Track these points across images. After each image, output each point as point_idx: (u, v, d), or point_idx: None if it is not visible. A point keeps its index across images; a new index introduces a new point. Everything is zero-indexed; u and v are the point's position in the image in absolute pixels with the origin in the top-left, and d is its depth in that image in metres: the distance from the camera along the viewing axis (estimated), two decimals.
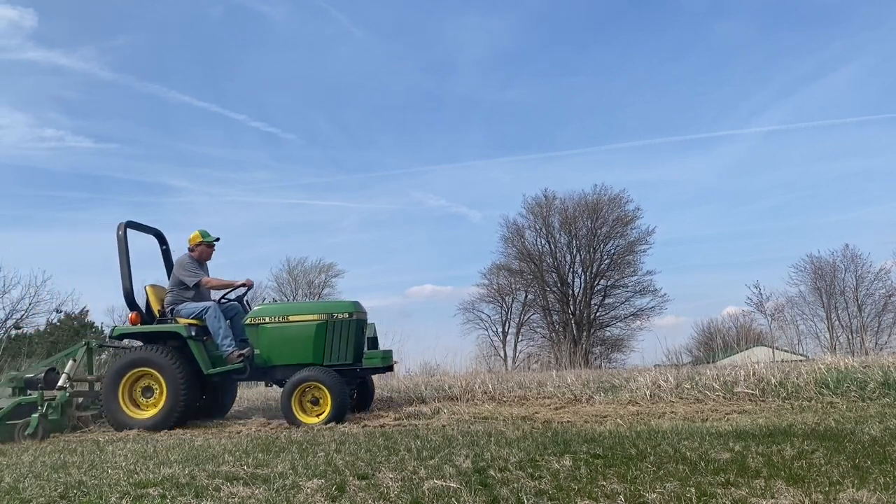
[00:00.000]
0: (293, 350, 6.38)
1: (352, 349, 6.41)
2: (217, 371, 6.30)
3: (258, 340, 6.40)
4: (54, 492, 2.98)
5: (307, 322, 6.43)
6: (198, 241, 6.82)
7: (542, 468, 3.18)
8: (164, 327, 6.44)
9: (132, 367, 6.18)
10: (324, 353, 6.35)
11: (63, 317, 19.36)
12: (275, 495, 2.74)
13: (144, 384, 6.25)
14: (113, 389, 6.14)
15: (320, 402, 6.06)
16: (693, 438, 3.98)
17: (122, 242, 6.64)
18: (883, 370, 6.80)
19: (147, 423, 6.00)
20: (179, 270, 6.62)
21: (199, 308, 6.47)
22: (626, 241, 36.51)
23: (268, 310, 6.75)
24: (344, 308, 6.56)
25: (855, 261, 34.16)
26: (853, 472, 2.87)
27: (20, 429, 5.74)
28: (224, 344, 6.30)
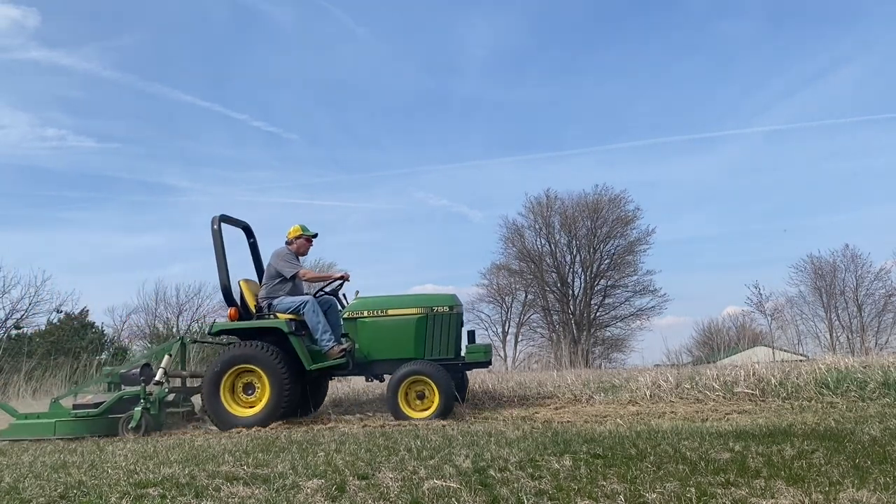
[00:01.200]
0: (393, 344, 6.32)
1: (453, 343, 6.37)
2: (319, 366, 6.20)
3: (356, 335, 6.35)
4: (54, 492, 2.98)
5: (407, 316, 6.37)
6: (297, 234, 6.77)
7: (542, 468, 3.18)
8: (264, 323, 6.34)
9: (233, 364, 6.09)
10: (424, 347, 6.29)
11: (63, 317, 19.36)
12: (275, 495, 2.74)
13: (245, 381, 6.14)
14: (214, 387, 6.05)
15: (426, 396, 6.00)
16: (693, 438, 3.98)
17: (218, 236, 6.58)
18: (883, 370, 6.81)
19: (250, 421, 5.91)
20: (278, 262, 6.54)
21: (296, 302, 6.38)
22: (627, 241, 36.51)
23: (366, 303, 6.55)
24: (444, 301, 6.49)
25: (855, 261, 34.19)
26: (853, 472, 2.87)
27: (123, 423, 5.70)
28: (324, 339, 6.23)
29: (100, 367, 11.26)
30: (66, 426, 5.72)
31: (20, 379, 10.14)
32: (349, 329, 6.39)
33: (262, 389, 6.07)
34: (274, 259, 6.59)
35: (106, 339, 19.56)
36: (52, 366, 11.40)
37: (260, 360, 6.04)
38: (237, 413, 6.04)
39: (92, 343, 17.52)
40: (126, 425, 5.69)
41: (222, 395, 6.06)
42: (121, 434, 5.65)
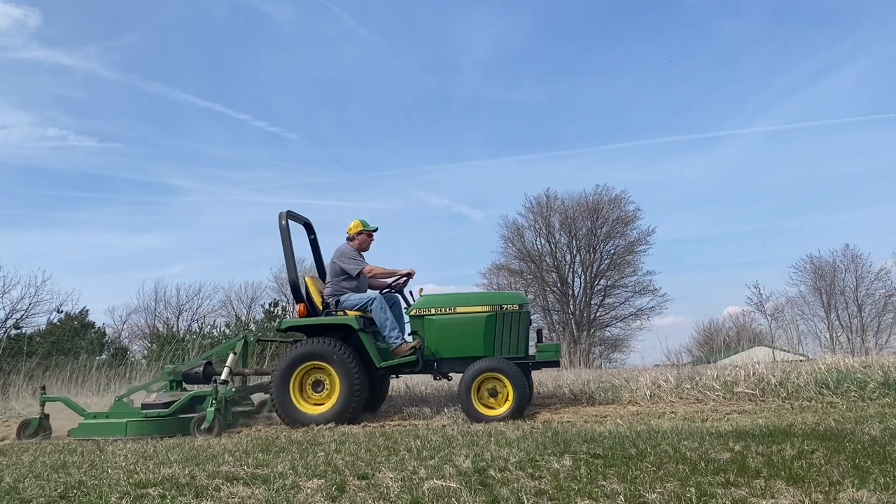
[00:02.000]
0: (462, 342, 6.26)
1: (523, 342, 6.31)
2: (389, 364, 6.15)
3: (423, 332, 6.29)
4: (54, 492, 2.98)
5: (477, 314, 6.30)
6: (358, 230, 6.73)
7: (542, 468, 3.18)
8: (335, 319, 6.27)
9: (304, 361, 6.02)
10: (494, 345, 6.23)
11: (63, 317, 19.35)
12: (275, 495, 2.74)
13: (314, 378, 6.09)
14: (284, 384, 5.98)
15: (499, 394, 5.95)
16: (693, 438, 3.98)
17: (286, 232, 6.51)
18: (883, 370, 6.81)
19: (321, 418, 5.86)
20: (342, 259, 6.49)
21: (363, 299, 6.34)
22: (627, 241, 36.52)
23: (434, 301, 6.48)
24: (513, 299, 6.44)
25: (855, 261, 34.24)
26: (853, 472, 2.87)
27: (195, 423, 5.62)
28: (392, 336, 6.18)
29: (100, 367, 11.25)
30: (138, 426, 5.62)
31: (20, 379, 10.13)
32: (416, 326, 6.34)
33: (332, 387, 6.01)
34: (338, 256, 6.54)
35: (106, 339, 19.55)
36: (52, 366, 11.40)
37: (331, 356, 5.98)
38: (306, 410, 5.97)
39: (92, 343, 17.51)
40: (198, 426, 5.59)
41: (291, 391, 5.99)
42: (192, 434, 5.54)
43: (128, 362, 12.94)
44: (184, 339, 16.73)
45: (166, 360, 10.63)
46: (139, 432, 5.57)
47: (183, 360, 10.59)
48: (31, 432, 5.80)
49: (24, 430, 5.84)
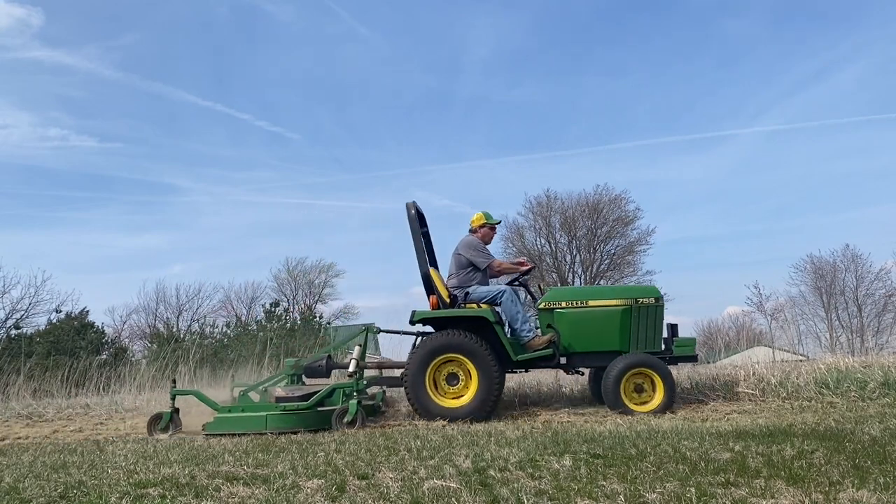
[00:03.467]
0: (596, 336, 6.19)
1: (659, 336, 6.27)
2: (526, 357, 6.07)
3: (554, 325, 6.23)
4: (54, 492, 2.97)
5: (611, 307, 6.23)
6: (482, 222, 6.68)
7: (542, 468, 3.18)
8: (470, 312, 6.16)
9: (440, 353, 5.91)
10: (630, 340, 6.19)
11: (63, 317, 19.35)
12: (275, 495, 2.74)
13: (448, 371, 5.99)
14: (420, 376, 5.88)
15: (644, 390, 5.95)
16: (693, 438, 3.98)
17: (415, 223, 6.43)
18: (883, 370, 6.81)
19: (459, 412, 5.77)
20: (469, 252, 6.44)
21: (492, 291, 6.27)
22: (627, 241, 36.49)
23: (565, 294, 6.44)
24: (649, 293, 6.38)
25: (855, 261, 34.19)
26: (853, 472, 2.87)
27: (337, 416, 5.52)
28: (524, 329, 6.11)
29: (99, 367, 11.26)
30: (279, 419, 5.51)
31: (20, 379, 10.13)
32: (545, 320, 6.29)
33: (469, 380, 5.93)
34: (464, 249, 6.50)
35: (106, 339, 19.55)
36: (51, 366, 11.40)
37: (470, 349, 5.88)
38: (443, 403, 5.89)
39: (92, 343, 17.51)
40: (340, 418, 5.49)
41: (427, 384, 5.90)
42: (334, 427, 5.43)
43: (127, 362, 12.95)
44: (184, 339, 16.73)
45: (167, 361, 10.61)
46: (280, 425, 5.45)
47: (185, 359, 10.58)
48: (163, 427, 5.63)
49: (156, 424, 5.66)
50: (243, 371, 10.33)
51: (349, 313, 39.81)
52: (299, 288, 40.19)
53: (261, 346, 13.84)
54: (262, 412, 5.55)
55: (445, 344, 5.93)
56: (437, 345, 5.94)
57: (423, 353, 5.93)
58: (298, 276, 40.35)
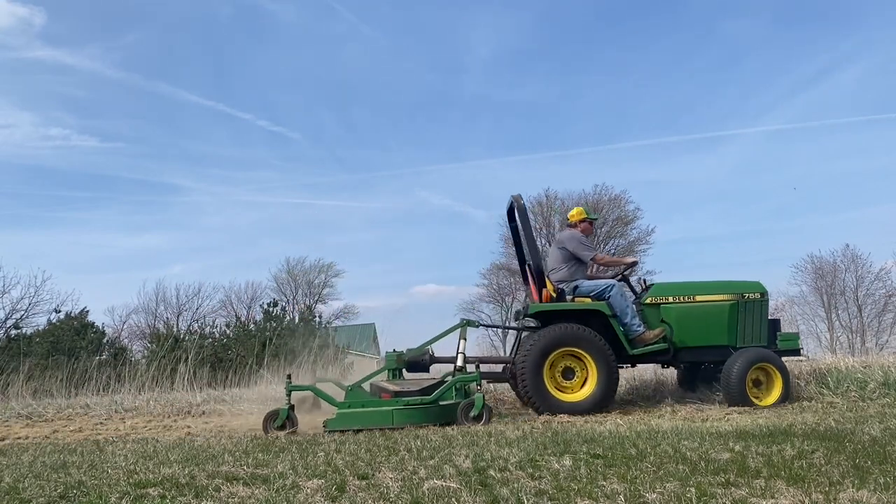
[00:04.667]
0: (703, 331, 6.25)
1: (765, 331, 6.35)
2: (641, 351, 6.11)
3: (658, 320, 6.28)
4: (54, 492, 2.97)
5: (718, 302, 6.32)
6: (581, 217, 6.75)
7: (542, 468, 3.18)
8: (586, 305, 6.20)
9: (559, 346, 5.88)
10: (737, 334, 6.25)
11: (63, 317, 19.34)
12: (275, 495, 2.73)
13: (564, 365, 5.97)
14: (538, 369, 5.83)
15: (761, 383, 6.05)
16: (693, 438, 3.98)
17: (524, 214, 6.45)
18: (883, 370, 6.81)
19: (578, 407, 5.76)
20: (574, 245, 6.46)
21: (601, 285, 6.30)
22: (627, 241, 36.46)
23: (670, 289, 6.49)
24: (754, 288, 6.47)
25: (855, 261, 34.15)
26: (853, 472, 2.87)
27: (463, 410, 5.47)
28: (633, 324, 6.14)
29: (99, 367, 11.25)
30: (404, 414, 5.41)
31: (20, 379, 10.13)
32: (651, 315, 6.34)
33: (586, 374, 5.92)
34: (569, 242, 6.51)
35: (106, 339, 19.54)
36: (51, 366, 11.40)
37: (589, 343, 5.88)
38: (562, 398, 5.86)
39: (92, 343, 17.50)
40: (466, 413, 5.43)
41: (546, 378, 5.86)
42: (459, 422, 5.37)
43: (127, 362, 12.95)
44: (184, 339, 16.72)
45: (166, 361, 10.61)
46: (405, 420, 5.38)
47: (185, 359, 10.58)
48: (279, 424, 5.41)
49: (272, 422, 5.44)
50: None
51: (349, 313, 39.86)
52: (299, 288, 40.23)
53: (260, 346, 13.84)
54: (387, 407, 5.47)
55: (563, 337, 5.92)
56: (555, 338, 5.91)
57: (541, 347, 5.89)
58: (298, 276, 40.37)
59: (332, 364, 11.46)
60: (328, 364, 11.22)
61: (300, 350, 10.89)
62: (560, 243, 6.60)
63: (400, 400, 5.54)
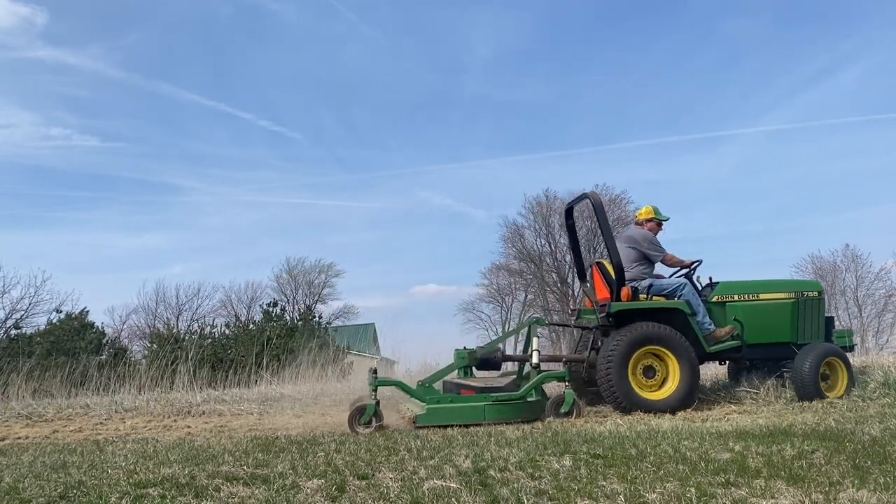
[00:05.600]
0: (768, 329, 6.40)
1: (822, 328, 6.52)
2: (718, 349, 6.21)
3: (726, 318, 6.39)
4: (54, 492, 2.97)
5: (781, 300, 6.49)
6: (650, 216, 6.79)
7: (542, 468, 3.18)
8: (667, 304, 6.26)
9: (643, 344, 5.90)
10: (798, 331, 6.42)
11: (63, 317, 19.34)
12: (275, 495, 2.73)
13: (645, 363, 5.98)
14: (622, 367, 5.82)
15: (828, 378, 6.24)
16: (693, 438, 3.98)
17: (602, 211, 6.44)
18: (883, 370, 6.81)
19: (663, 405, 5.77)
20: (645, 245, 6.52)
21: (673, 284, 6.39)
22: None
23: (735, 287, 6.64)
24: (812, 287, 6.74)
25: (855, 261, 34.20)
26: (853, 472, 2.87)
27: (553, 406, 5.48)
28: (705, 322, 6.21)
29: (99, 367, 11.24)
30: (496, 410, 5.40)
31: (20, 379, 10.13)
32: (717, 313, 6.43)
33: (668, 372, 5.95)
34: (640, 241, 6.56)
35: (106, 339, 19.54)
36: (51, 366, 11.38)
37: (673, 341, 5.92)
38: (646, 396, 5.87)
39: (92, 343, 17.50)
40: (556, 409, 5.45)
41: (630, 376, 5.87)
42: (548, 417, 5.37)
43: (127, 362, 12.93)
44: (184, 339, 16.72)
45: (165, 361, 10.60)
46: (497, 416, 5.37)
47: (186, 359, 10.57)
48: (366, 420, 5.29)
49: (359, 417, 5.30)
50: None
51: (349, 313, 39.87)
52: (299, 288, 40.23)
53: (259, 346, 13.84)
54: (482, 403, 5.45)
55: (648, 335, 5.95)
56: (641, 336, 5.93)
57: (625, 345, 5.89)
58: (298, 277, 40.38)
59: (331, 364, 11.46)
60: (327, 364, 11.22)
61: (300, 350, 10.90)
62: (631, 242, 6.61)
63: (489, 396, 5.53)
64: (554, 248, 37.55)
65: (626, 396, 5.81)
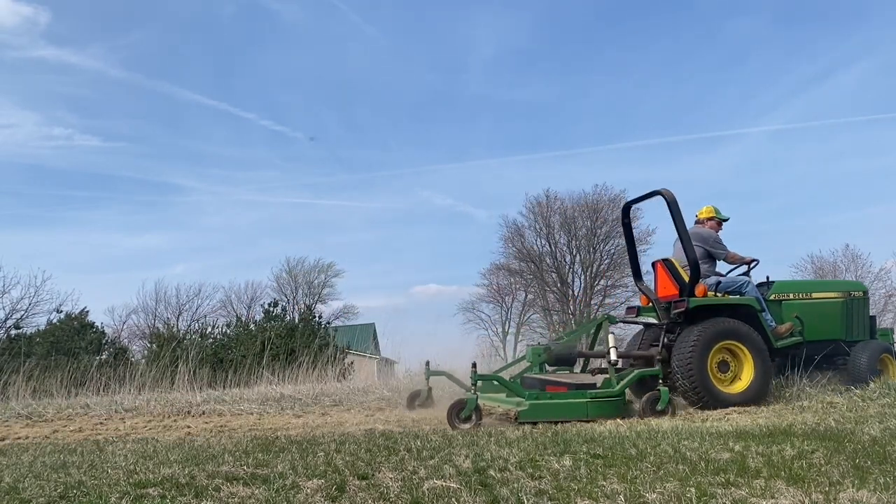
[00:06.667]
0: (821, 326, 6.68)
1: (867, 326, 6.89)
2: (785, 344, 6.40)
3: (782, 316, 6.63)
4: (54, 492, 2.97)
5: (832, 299, 6.82)
6: (710, 215, 6.99)
7: (542, 468, 3.18)
8: (739, 300, 6.44)
9: (720, 340, 6.04)
10: (847, 329, 6.73)
11: (63, 317, 19.34)
12: (275, 495, 2.73)
13: (719, 359, 6.11)
14: (703, 363, 5.92)
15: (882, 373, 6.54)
16: (693, 438, 3.98)
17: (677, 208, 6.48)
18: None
19: (738, 399, 5.92)
20: (711, 244, 6.73)
21: (738, 282, 6.59)
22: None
23: (790, 286, 7.00)
24: (858, 287, 7.19)
25: (855, 261, 34.17)
26: (853, 472, 2.87)
27: (649, 402, 5.53)
28: (767, 318, 6.39)
29: (99, 367, 11.25)
30: (597, 406, 5.45)
31: (20, 379, 10.13)
32: (774, 310, 6.63)
33: (742, 367, 6.12)
34: (706, 240, 6.74)
35: (106, 339, 19.54)
36: (51, 366, 11.39)
37: (748, 336, 6.10)
38: (725, 390, 6.01)
39: (92, 343, 17.50)
40: (652, 406, 5.50)
41: (710, 371, 5.97)
42: (644, 414, 5.44)
43: (127, 362, 12.94)
44: (184, 339, 16.73)
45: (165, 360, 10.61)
46: (599, 413, 5.42)
47: (186, 359, 10.58)
48: (467, 415, 5.21)
49: (458, 412, 5.20)
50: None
51: (349, 313, 39.90)
52: (299, 288, 40.26)
53: (260, 345, 13.84)
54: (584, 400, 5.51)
55: (726, 331, 6.10)
56: (719, 332, 6.08)
57: (705, 340, 6.00)
58: (298, 277, 40.40)
59: (331, 364, 11.45)
60: (327, 364, 11.22)
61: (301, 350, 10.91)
62: (697, 239, 6.72)
63: (588, 392, 5.58)
64: (554, 247, 37.56)
65: (707, 391, 5.91)
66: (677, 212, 6.44)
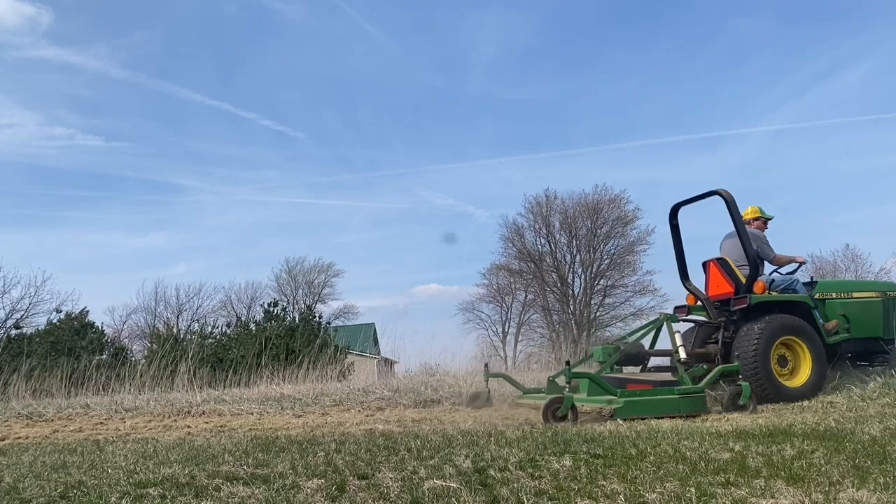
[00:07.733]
0: (862, 324, 6.90)
1: None
2: (837, 340, 6.63)
3: (826, 314, 6.81)
4: (54, 492, 2.97)
5: (871, 299, 7.03)
6: (756, 215, 7.19)
7: (542, 468, 3.18)
8: (794, 297, 6.69)
9: (781, 335, 6.30)
10: (886, 327, 6.93)
11: (63, 317, 19.33)
12: (275, 495, 2.73)
13: (778, 353, 6.35)
14: (766, 358, 6.16)
15: None
16: (693, 438, 3.98)
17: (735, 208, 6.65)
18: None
19: (797, 393, 6.19)
20: (760, 244, 6.91)
21: (787, 280, 6.83)
22: (626, 241, 36.51)
23: (832, 286, 7.27)
24: (893, 287, 7.37)
25: (855, 261, 34.20)
26: (853, 472, 2.87)
27: (731, 398, 5.64)
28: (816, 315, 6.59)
29: (99, 367, 11.24)
30: (689, 403, 5.58)
31: (20, 379, 10.13)
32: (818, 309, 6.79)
33: (800, 361, 6.37)
34: (755, 240, 6.88)
35: (106, 339, 19.54)
36: (51, 366, 11.39)
37: (806, 332, 6.37)
38: (787, 384, 6.23)
39: (92, 343, 17.50)
40: (734, 401, 5.62)
41: (773, 366, 6.21)
42: (727, 409, 5.58)
43: (127, 362, 12.94)
44: (184, 339, 16.73)
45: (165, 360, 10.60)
46: (689, 409, 5.54)
47: (186, 358, 10.58)
48: (563, 412, 5.26)
49: (555, 411, 5.25)
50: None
51: (349, 313, 39.92)
52: (299, 288, 40.27)
53: (260, 345, 13.84)
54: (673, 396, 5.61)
55: (787, 325, 6.36)
56: (781, 327, 6.34)
57: (768, 336, 6.24)
58: (298, 277, 40.41)
59: (332, 364, 11.45)
60: (327, 364, 11.23)
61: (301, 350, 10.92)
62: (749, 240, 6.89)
63: (677, 389, 5.71)
64: (554, 247, 37.58)
65: (771, 385, 6.14)
66: (736, 211, 6.66)
